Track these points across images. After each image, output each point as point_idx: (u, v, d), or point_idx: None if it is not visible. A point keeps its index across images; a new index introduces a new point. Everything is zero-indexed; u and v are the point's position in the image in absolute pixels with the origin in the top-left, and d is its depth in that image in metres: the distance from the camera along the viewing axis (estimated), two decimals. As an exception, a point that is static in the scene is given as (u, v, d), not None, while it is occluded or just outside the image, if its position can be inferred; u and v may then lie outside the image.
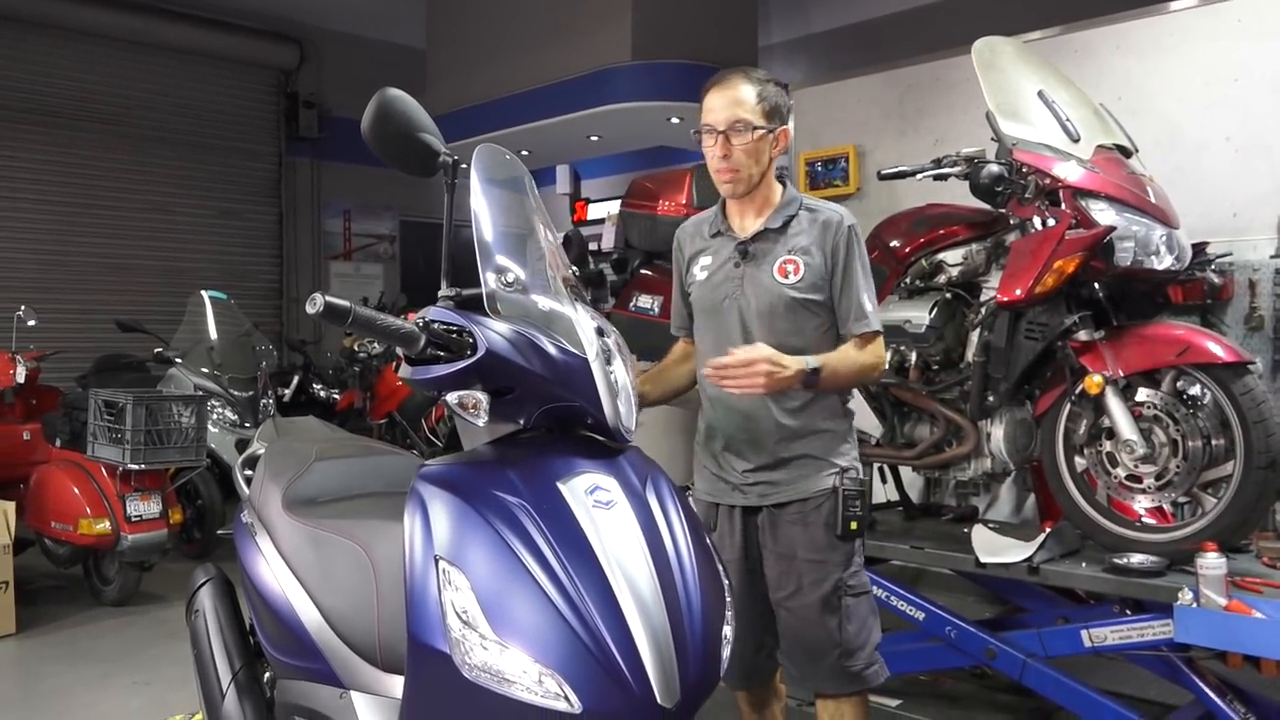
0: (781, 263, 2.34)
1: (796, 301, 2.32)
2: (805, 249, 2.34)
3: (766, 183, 2.39)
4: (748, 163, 2.32)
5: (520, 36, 8.50)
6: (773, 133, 2.33)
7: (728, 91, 2.31)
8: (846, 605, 2.32)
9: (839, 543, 2.33)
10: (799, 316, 2.33)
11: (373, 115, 1.66)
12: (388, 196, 11.08)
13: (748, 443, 2.37)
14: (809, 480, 2.35)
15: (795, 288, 2.32)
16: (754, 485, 2.38)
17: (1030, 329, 3.00)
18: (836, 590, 2.32)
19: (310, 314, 1.45)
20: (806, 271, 2.32)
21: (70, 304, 8.65)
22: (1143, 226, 2.92)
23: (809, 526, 2.33)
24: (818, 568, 2.32)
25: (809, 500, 2.34)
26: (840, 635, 2.31)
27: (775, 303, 2.33)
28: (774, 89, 2.34)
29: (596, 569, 1.48)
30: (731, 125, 2.29)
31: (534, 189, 1.91)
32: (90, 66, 9.14)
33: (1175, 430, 2.84)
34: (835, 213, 2.38)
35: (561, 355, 1.62)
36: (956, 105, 4.93)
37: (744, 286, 2.37)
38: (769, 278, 2.34)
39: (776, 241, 2.36)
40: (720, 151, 2.31)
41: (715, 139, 2.31)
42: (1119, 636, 2.86)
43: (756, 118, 2.30)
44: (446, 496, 1.55)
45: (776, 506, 2.36)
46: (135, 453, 4.76)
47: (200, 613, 2.47)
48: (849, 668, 2.33)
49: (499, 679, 1.41)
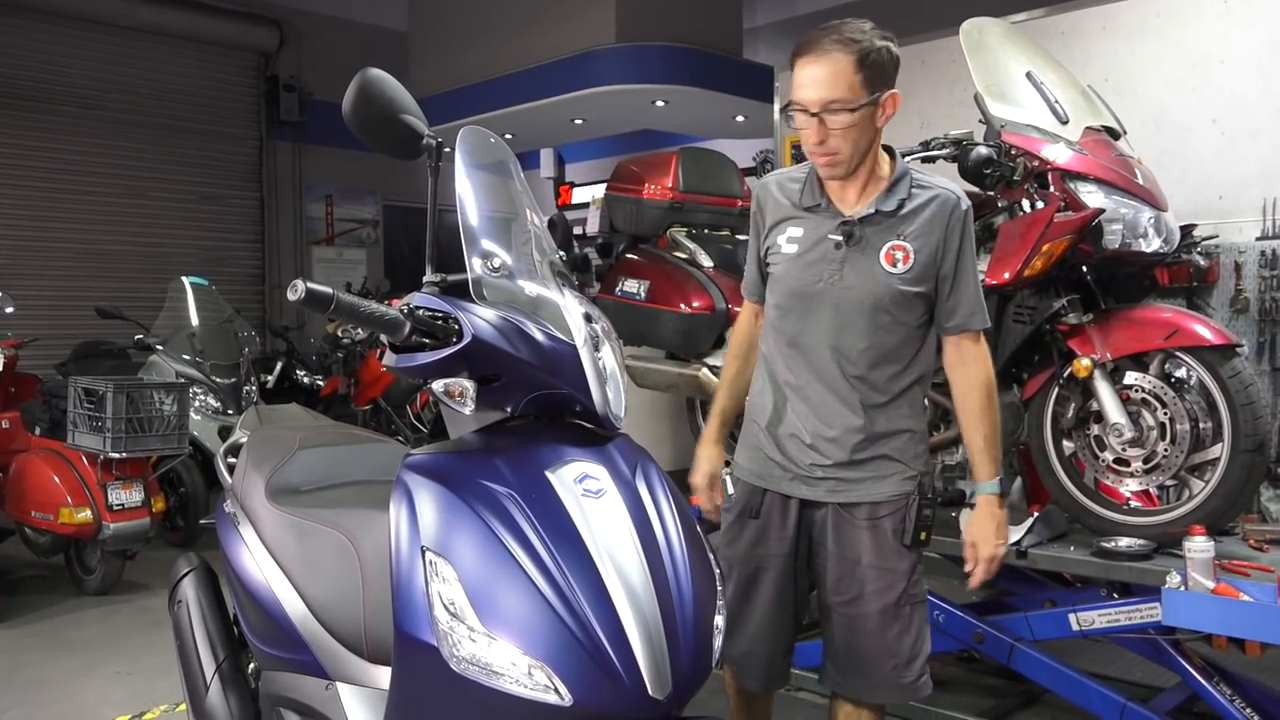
0: (890, 249, 2.07)
1: (904, 295, 2.08)
2: (917, 234, 2.08)
3: (874, 155, 2.09)
4: (848, 144, 2.01)
5: (503, 19, 8.43)
6: (876, 105, 2.00)
7: (821, 65, 1.96)
8: (906, 615, 2.17)
9: (907, 551, 2.16)
10: (902, 311, 2.10)
11: (354, 97, 1.62)
12: (370, 181, 11.00)
13: (828, 439, 2.16)
14: (883, 483, 2.16)
15: (904, 279, 2.07)
16: (822, 480, 2.18)
17: (1019, 312, 2.99)
18: (900, 601, 2.15)
19: (292, 301, 1.42)
20: (916, 260, 2.07)
21: (49, 290, 8.56)
22: (1131, 209, 2.91)
23: (878, 532, 2.15)
24: (884, 575, 2.15)
25: (881, 504, 2.16)
26: (898, 645, 2.16)
27: (881, 295, 2.08)
28: (878, 46, 1.97)
29: (586, 559, 1.45)
30: (826, 106, 1.97)
31: (519, 172, 1.87)
32: (68, 50, 9.01)
33: (1163, 413, 2.84)
34: (951, 193, 2.12)
35: (549, 341, 1.59)
36: (942, 87, 4.91)
37: (844, 272, 2.10)
38: (877, 265, 2.08)
39: (886, 225, 2.09)
40: (815, 136, 2.01)
41: (808, 121, 2.00)
42: (1107, 620, 2.87)
43: (856, 94, 1.95)
44: (433, 486, 1.52)
45: (844, 506, 2.18)
46: (116, 441, 4.71)
47: (183, 603, 2.44)
48: (901, 679, 2.18)
49: (487, 671, 1.38)
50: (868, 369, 2.14)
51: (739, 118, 8.75)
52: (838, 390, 2.15)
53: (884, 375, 2.15)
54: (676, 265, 4.03)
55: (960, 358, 2.18)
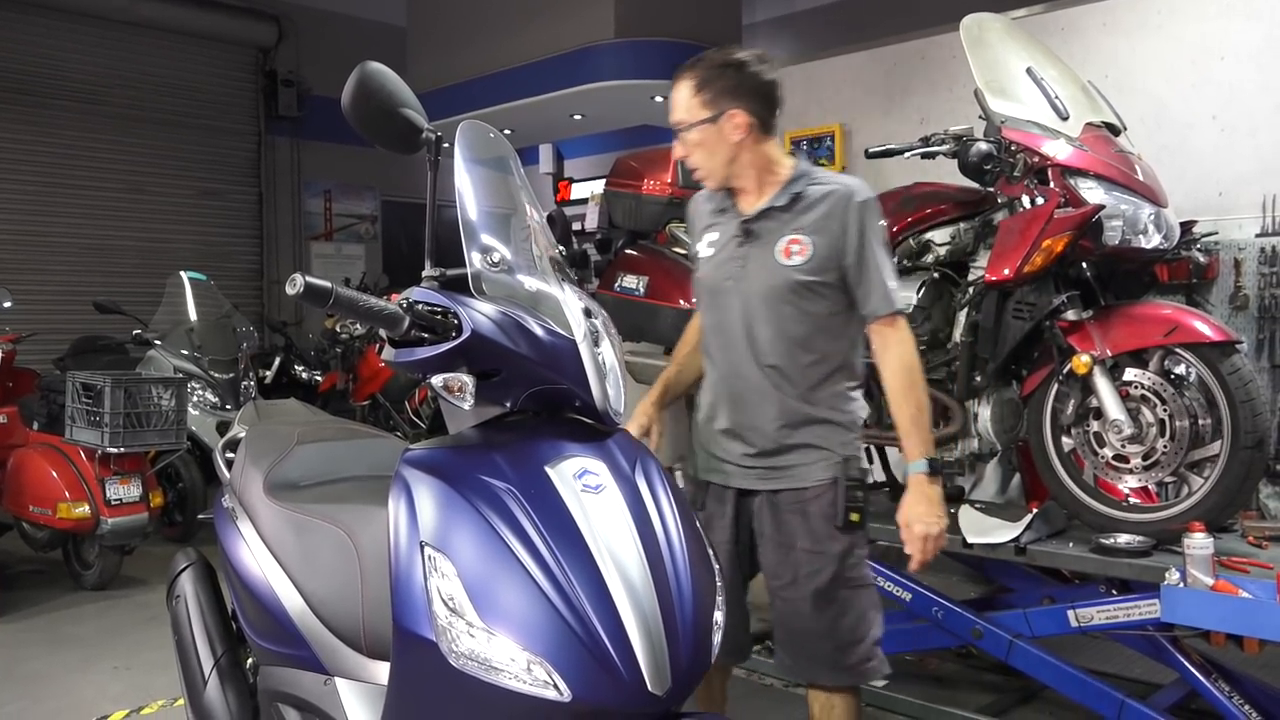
0: (786, 242, 2.20)
1: (802, 284, 2.19)
2: (812, 227, 2.19)
3: (751, 164, 2.23)
4: (702, 158, 2.24)
5: (502, 14, 8.42)
6: (713, 122, 2.18)
7: (674, 92, 2.24)
8: (843, 598, 2.23)
9: (839, 534, 2.23)
10: (804, 301, 2.20)
11: (353, 90, 1.61)
12: (369, 176, 10.97)
13: (751, 427, 2.27)
14: (810, 469, 2.25)
15: (800, 269, 2.18)
16: (753, 469, 2.29)
17: (1018, 308, 2.99)
18: (834, 582, 2.22)
19: (290, 295, 1.41)
20: (813, 251, 2.18)
21: (47, 285, 8.54)
22: (1131, 205, 2.91)
23: (808, 516, 2.24)
24: (815, 559, 2.22)
25: (809, 489, 2.24)
26: (834, 627, 2.23)
27: (779, 285, 2.20)
28: (715, 72, 2.18)
29: (585, 554, 1.45)
30: (676, 129, 2.25)
31: (519, 167, 1.87)
32: (67, 44, 8.99)
33: (1162, 410, 2.84)
34: (846, 186, 2.22)
35: (548, 336, 1.58)
36: (942, 83, 4.91)
37: (746, 267, 2.24)
38: (773, 258, 2.21)
39: (781, 220, 2.22)
40: (680, 153, 2.28)
41: (678, 141, 2.28)
42: (1105, 616, 2.87)
43: (694, 114, 2.19)
44: (432, 481, 1.51)
45: (774, 493, 2.27)
46: (114, 436, 4.70)
47: (181, 598, 2.43)
48: (842, 661, 2.24)
49: (487, 667, 1.38)
50: (779, 359, 2.24)
51: (738, 113, 8.73)
52: (754, 382, 2.26)
53: (796, 365, 2.24)
54: (675, 261, 4.02)
55: (882, 343, 2.25)
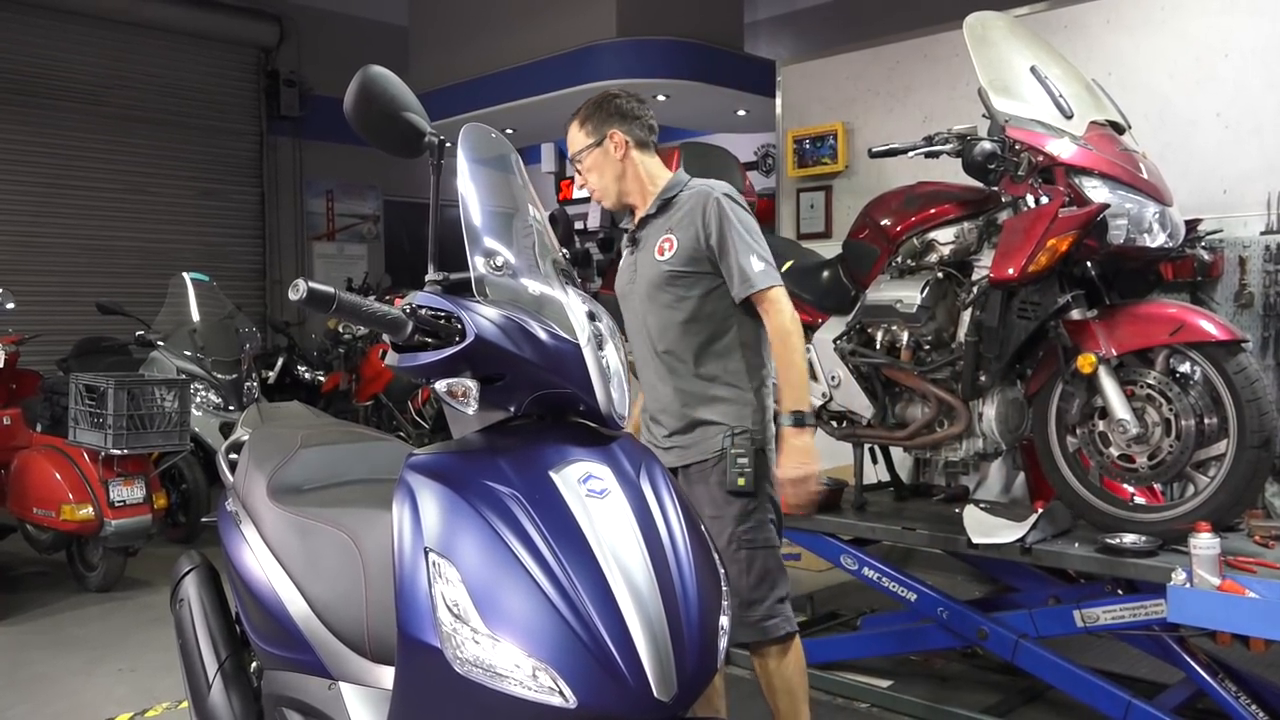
0: (660, 242, 2.57)
1: (672, 274, 2.53)
2: (679, 226, 2.55)
3: (638, 179, 2.62)
4: (595, 179, 2.63)
5: (504, 13, 8.40)
6: (598, 145, 2.59)
7: (568, 131, 2.65)
8: (743, 558, 2.49)
9: (732, 499, 2.50)
10: (676, 288, 2.54)
11: (355, 94, 1.60)
12: (371, 176, 10.96)
13: (661, 410, 2.61)
14: (708, 443, 2.54)
15: (670, 262, 2.54)
16: (670, 449, 2.58)
17: (1023, 308, 2.98)
18: (730, 543, 2.48)
19: (293, 301, 1.40)
20: (679, 245, 2.53)
21: (49, 286, 8.53)
22: (1136, 204, 2.90)
23: (708, 485, 2.53)
24: (716, 522, 2.49)
25: (707, 460, 2.53)
26: (736, 586, 2.43)
27: (655, 279, 2.56)
28: (593, 108, 2.61)
29: (590, 560, 1.44)
30: (574, 158, 2.65)
31: (522, 168, 1.86)
32: (67, 44, 8.98)
33: (1168, 409, 2.83)
34: (704, 187, 2.58)
35: (553, 341, 1.57)
36: (944, 82, 4.90)
37: (636, 271, 2.63)
38: (650, 257, 2.58)
39: (655, 226, 2.61)
40: (580, 181, 2.70)
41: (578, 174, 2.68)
42: (1111, 616, 2.86)
43: (581, 142, 2.61)
44: (436, 487, 1.51)
45: (684, 467, 2.56)
46: (117, 438, 4.70)
47: (185, 602, 2.43)
48: (746, 618, 2.48)
49: (491, 673, 1.37)
50: (670, 344, 2.57)
51: (740, 112, 8.72)
52: (655, 368, 2.61)
53: (685, 348, 2.55)
54: (678, 261, 4.02)
55: (764, 315, 2.54)
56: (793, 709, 2.54)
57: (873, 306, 3.38)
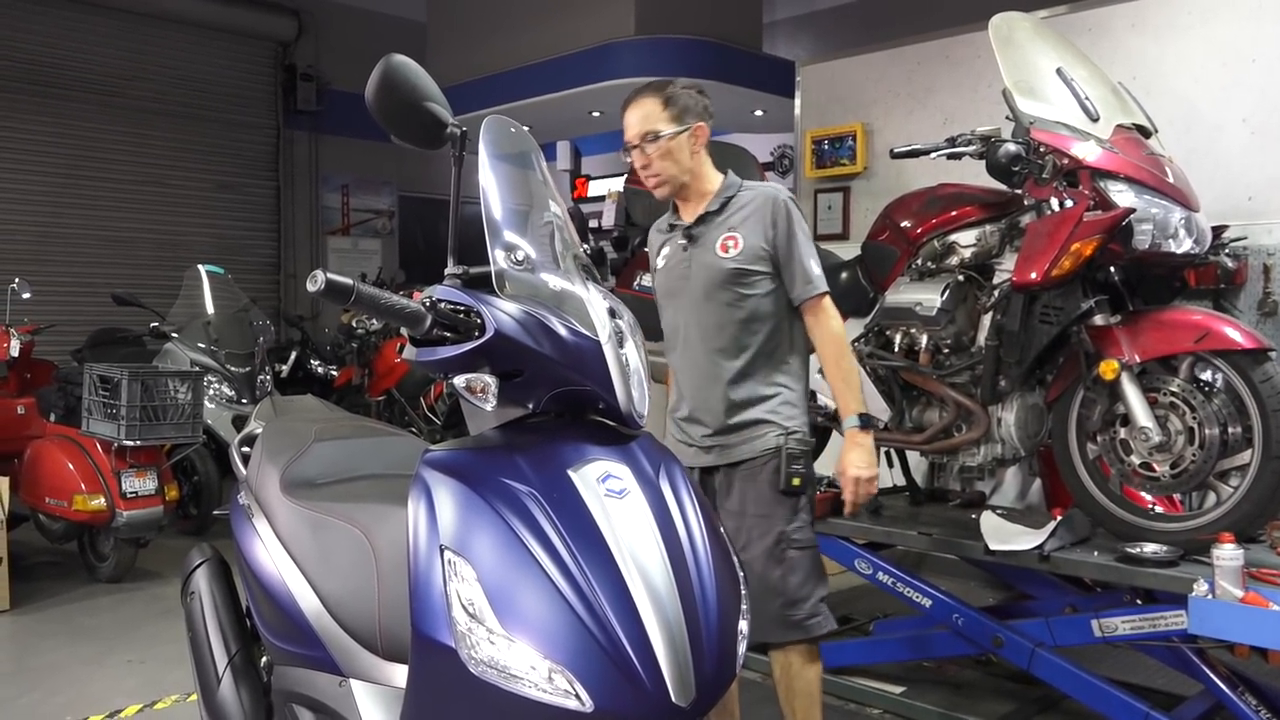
0: (723, 240, 2.55)
1: (737, 272, 2.53)
2: (744, 225, 2.55)
3: (700, 176, 2.60)
4: (667, 165, 2.54)
5: (522, 10, 8.40)
6: (685, 132, 2.53)
7: (637, 108, 2.54)
8: (790, 558, 2.49)
9: (783, 498, 2.50)
10: (739, 286, 2.53)
11: (377, 83, 1.58)
12: (386, 171, 10.98)
13: (706, 409, 2.58)
14: (757, 441, 2.54)
15: (736, 260, 2.53)
16: (711, 448, 2.59)
17: (1045, 312, 2.94)
18: (779, 543, 2.49)
19: (311, 292, 1.38)
20: (745, 244, 2.53)
21: (65, 277, 8.57)
22: (1162, 209, 2.85)
23: (757, 483, 2.52)
24: (764, 522, 2.50)
25: (757, 459, 2.53)
26: (783, 585, 2.48)
27: (717, 276, 2.54)
28: (681, 91, 2.55)
29: (609, 561, 1.42)
30: (643, 138, 2.52)
31: (543, 162, 1.84)
32: (86, 37, 9.01)
33: (1191, 418, 2.78)
34: (771, 189, 2.61)
35: (573, 337, 1.55)
36: (966, 83, 4.85)
37: (691, 266, 2.59)
38: (712, 255, 2.55)
39: (716, 223, 2.58)
40: (640, 163, 2.56)
41: (636, 152, 2.55)
42: (1130, 627, 2.82)
43: (665, 125, 2.51)
44: (452, 484, 1.48)
45: (730, 466, 2.56)
46: (131, 429, 4.70)
47: (196, 595, 2.42)
48: (790, 616, 2.49)
49: (506, 675, 1.35)
50: (724, 343, 2.55)
51: (758, 112, 8.70)
52: (704, 366, 2.58)
53: (739, 346, 2.55)
54: (695, 260, 4.00)
55: (814, 321, 2.59)
56: (809, 713, 2.53)
57: (892, 309, 3.34)
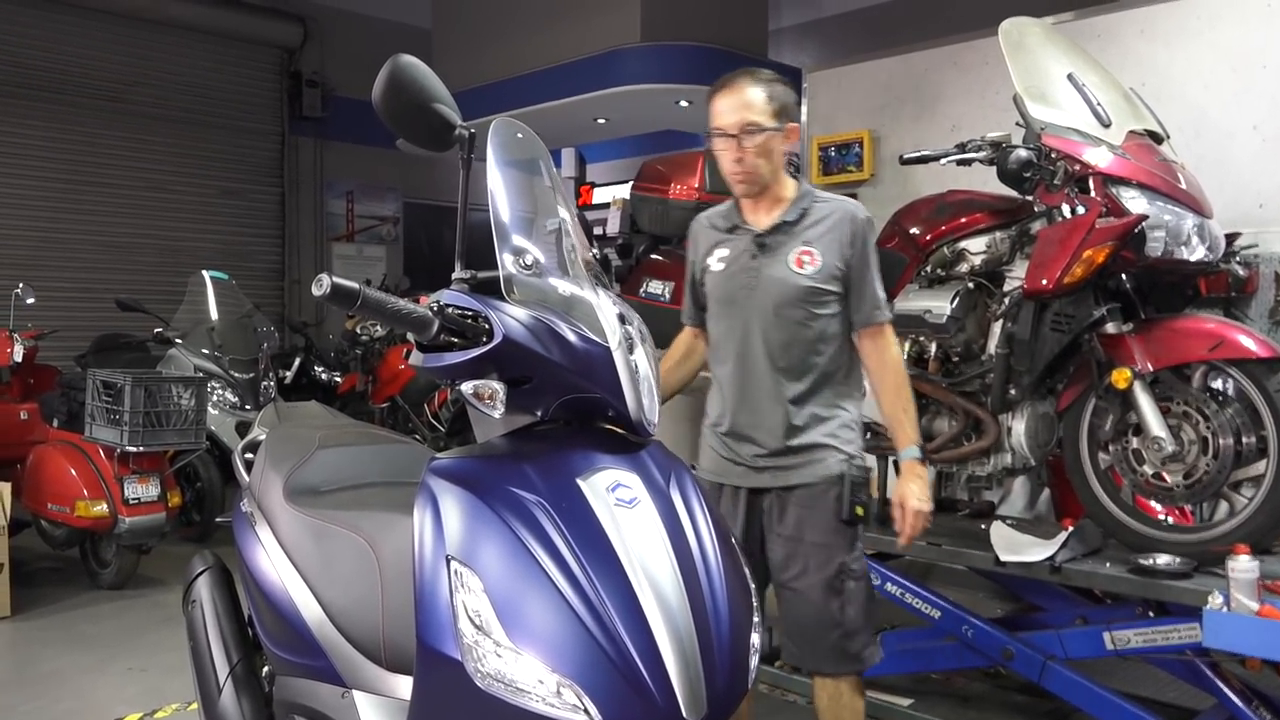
0: (798, 254, 2.40)
1: (811, 290, 2.38)
2: (820, 240, 2.39)
3: (778, 179, 2.44)
4: (761, 163, 2.37)
5: (527, 16, 8.38)
6: (782, 131, 2.38)
7: (736, 95, 2.36)
8: (849, 588, 2.38)
9: (844, 527, 2.39)
10: (811, 305, 2.39)
11: (384, 84, 1.55)
12: (391, 178, 10.97)
13: (763, 428, 2.42)
14: (819, 466, 2.40)
15: (811, 277, 2.38)
16: (765, 469, 2.43)
17: (1056, 320, 2.91)
18: (840, 573, 2.37)
19: (317, 296, 1.36)
20: (822, 262, 2.38)
21: (69, 282, 8.56)
22: (1174, 216, 2.82)
23: (816, 510, 2.39)
24: (823, 551, 2.38)
25: (816, 485, 2.39)
26: (841, 616, 2.37)
27: (789, 292, 2.38)
28: (781, 88, 2.39)
29: (618, 572, 1.39)
30: (743, 129, 2.34)
31: (552, 166, 1.81)
32: (91, 42, 9.02)
33: (1205, 427, 2.75)
34: (849, 204, 2.46)
35: (582, 343, 1.52)
36: (974, 90, 4.82)
37: (759, 277, 2.42)
38: (785, 269, 2.40)
39: (791, 234, 2.42)
40: (734, 155, 2.37)
41: (728, 143, 2.36)
42: (1143, 639, 2.79)
43: (767, 119, 2.34)
44: (459, 492, 1.45)
45: (785, 489, 2.42)
46: (134, 434, 4.68)
47: (197, 603, 2.39)
48: (848, 648, 2.38)
49: (513, 689, 1.32)
50: (790, 361, 2.40)
51: (763, 119, 8.67)
52: (766, 384, 2.41)
53: (805, 366, 2.41)
54: (702, 267, 3.97)
55: (874, 346, 2.45)
56: None
57: (900, 316, 3.30)
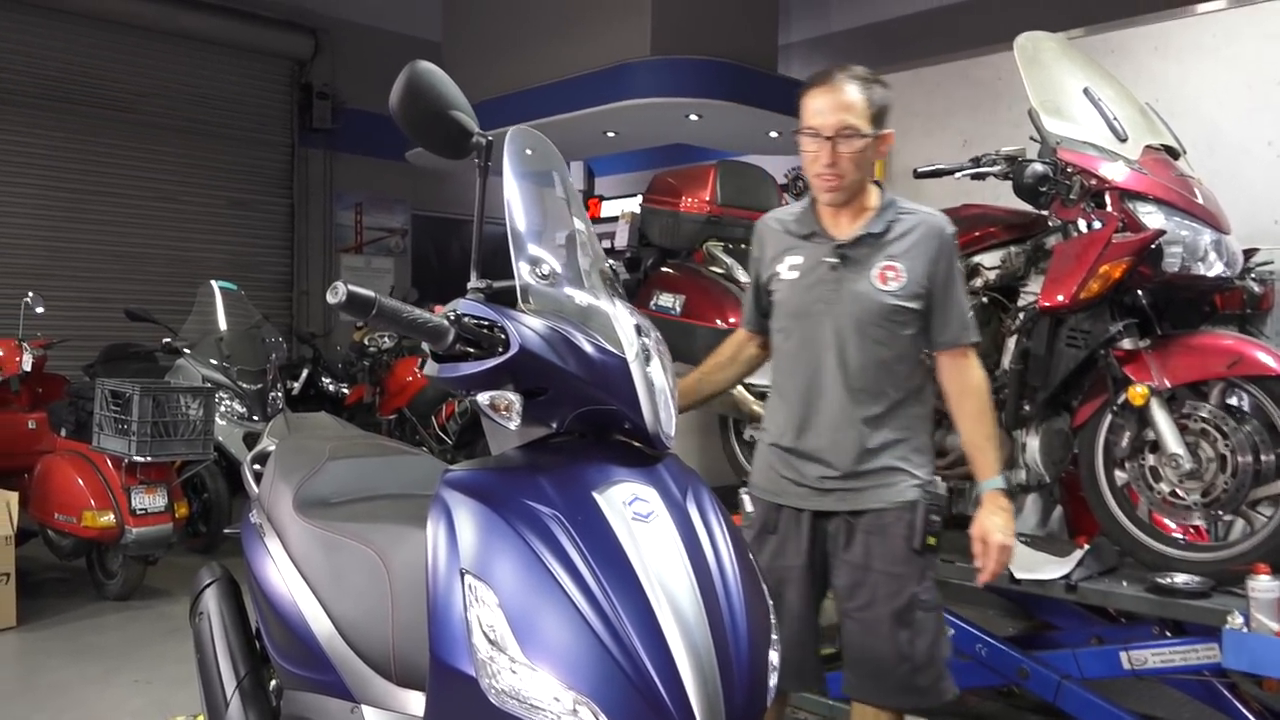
0: (882, 269, 2.23)
1: (895, 309, 2.22)
2: (906, 255, 2.23)
3: (864, 186, 2.28)
4: (853, 170, 2.20)
5: (537, 29, 8.41)
6: (878, 138, 2.22)
7: (835, 94, 2.18)
8: (919, 620, 2.23)
9: (915, 557, 2.23)
10: (893, 323, 2.23)
11: (402, 90, 1.54)
12: (400, 190, 11.00)
13: (832, 450, 2.27)
14: (890, 490, 2.25)
15: (896, 295, 2.22)
16: (831, 491, 2.27)
17: (1072, 336, 2.88)
18: (910, 605, 2.22)
19: (332, 304, 1.34)
20: (908, 278, 2.22)
21: (79, 292, 8.57)
22: (1191, 231, 2.80)
23: (887, 538, 2.23)
24: (893, 580, 2.22)
25: (888, 511, 2.24)
26: (910, 650, 2.22)
27: (872, 309, 2.22)
28: (881, 91, 2.22)
29: (635, 587, 1.36)
30: (839, 132, 2.16)
31: (567, 176, 1.80)
32: (103, 52, 9.06)
33: (1223, 445, 2.72)
34: (936, 219, 2.28)
35: (599, 354, 1.50)
36: (986, 105, 4.80)
37: (839, 291, 2.25)
38: (868, 284, 2.23)
39: (875, 247, 2.25)
40: (826, 159, 2.19)
41: (820, 145, 2.19)
42: (1161, 660, 2.75)
43: (865, 124, 2.17)
44: (473, 505, 1.43)
45: (853, 514, 2.26)
46: (141, 444, 4.66)
47: (205, 615, 2.36)
48: (916, 682, 2.23)
49: (528, 706, 1.30)
50: (867, 382, 2.25)
51: (772, 134, 8.68)
52: (839, 404, 2.27)
53: (882, 387, 2.26)
54: (713, 280, 3.94)
55: (957, 369, 2.30)
56: None
57: None
